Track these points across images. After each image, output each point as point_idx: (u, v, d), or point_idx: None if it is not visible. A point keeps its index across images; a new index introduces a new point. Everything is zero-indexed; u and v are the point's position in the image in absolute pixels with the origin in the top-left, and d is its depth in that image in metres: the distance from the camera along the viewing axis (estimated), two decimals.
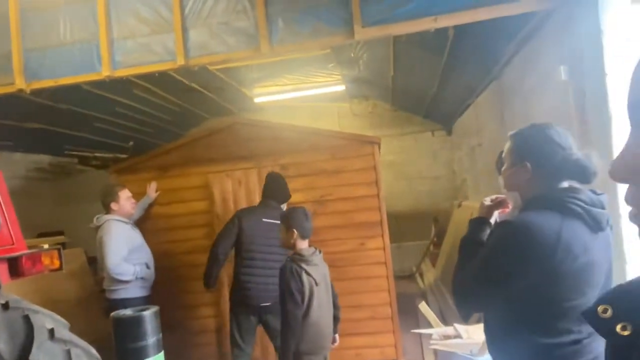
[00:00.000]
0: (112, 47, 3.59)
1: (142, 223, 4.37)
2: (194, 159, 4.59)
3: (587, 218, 1.51)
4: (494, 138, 5.57)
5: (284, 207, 3.84)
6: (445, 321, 4.87)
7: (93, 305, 4.76)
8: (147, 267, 3.97)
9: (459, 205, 7.60)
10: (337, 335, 3.11)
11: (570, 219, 1.50)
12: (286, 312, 2.72)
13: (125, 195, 4.05)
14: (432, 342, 3.02)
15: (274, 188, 3.83)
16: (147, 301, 3.76)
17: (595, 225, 1.52)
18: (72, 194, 8.63)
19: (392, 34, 3.33)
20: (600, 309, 0.77)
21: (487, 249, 1.62)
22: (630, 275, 2.65)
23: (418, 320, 5.44)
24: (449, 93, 6.93)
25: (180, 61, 3.42)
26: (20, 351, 1.93)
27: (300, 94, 7.89)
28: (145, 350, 2.42)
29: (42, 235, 7.00)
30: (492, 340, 1.69)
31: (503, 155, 1.81)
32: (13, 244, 1.99)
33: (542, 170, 1.62)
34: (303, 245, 2.94)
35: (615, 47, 2.66)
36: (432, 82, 6.58)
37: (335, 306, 3.07)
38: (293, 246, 2.91)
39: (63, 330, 2.10)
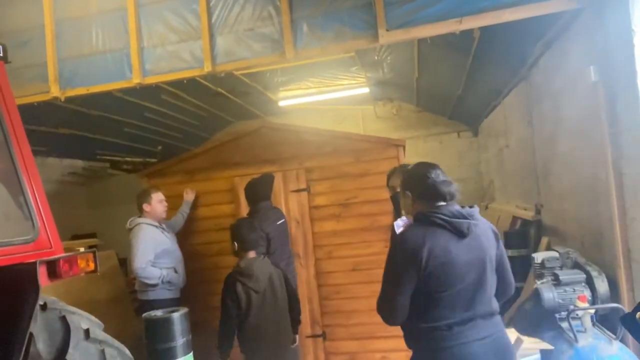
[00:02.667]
0: (142, 55, 3.70)
1: (170, 230, 4.45)
2: (220, 162, 4.66)
3: (449, 227, 2.03)
4: (522, 139, 5.48)
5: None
6: None
7: (124, 305, 4.89)
8: (175, 271, 4.05)
9: (486, 208, 7.49)
10: (296, 336, 3.47)
11: (434, 229, 2.04)
12: (220, 318, 3.15)
13: (157, 197, 4.15)
14: None
15: (268, 189, 4.04)
16: (176, 303, 3.84)
17: (458, 232, 2.04)
18: (104, 198, 8.86)
19: (416, 37, 3.33)
20: (638, 315, 0.93)
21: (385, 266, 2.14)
22: None
23: None
24: (475, 94, 6.84)
25: (208, 68, 3.50)
26: (58, 351, 2.01)
27: (324, 97, 7.92)
28: (174, 351, 2.48)
29: (75, 237, 7.21)
30: (402, 328, 2.20)
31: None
32: (51, 248, 2.08)
33: (418, 196, 2.20)
34: (249, 255, 3.27)
35: None
36: (457, 83, 6.51)
37: (293, 309, 3.41)
38: (239, 257, 3.27)
39: (98, 330, 2.18)
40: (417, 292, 2.03)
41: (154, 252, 3.93)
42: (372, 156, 4.45)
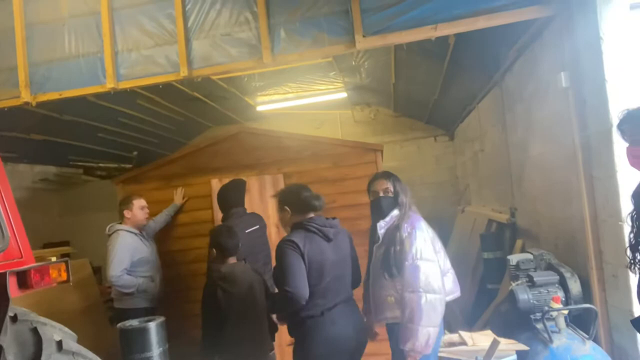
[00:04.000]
0: (116, 59, 3.64)
1: (150, 233, 4.38)
2: (198, 168, 4.62)
3: (320, 233, 2.68)
4: (496, 143, 5.58)
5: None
6: (450, 327, 4.86)
7: (99, 315, 4.77)
8: (152, 280, 3.98)
9: (462, 211, 7.60)
10: (273, 343, 3.55)
11: (310, 234, 2.67)
12: (202, 326, 3.16)
13: (139, 204, 4.09)
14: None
15: (238, 195, 3.99)
16: (152, 312, 3.77)
17: (326, 237, 2.69)
18: (77, 204, 8.66)
19: (393, 43, 3.36)
20: None
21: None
22: None
23: None
24: (451, 99, 6.95)
25: (184, 72, 3.46)
26: None
27: (302, 101, 7.93)
28: None
29: (47, 245, 7.03)
30: (288, 321, 2.80)
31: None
32: (21, 257, 2.02)
33: (295, 209, 2.80)
34: (230, 261, 3.29)
35: (615, 53, 2.68)
36: (433, 89, 6.61)
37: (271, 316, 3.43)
38: (218, 262, 3.29)
39: (71, 341, 2.12)
40: None
41: (131, 260, 3.86)
42: (351, 161, 4.47)
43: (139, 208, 4.08)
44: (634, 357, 2.68)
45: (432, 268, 2.63)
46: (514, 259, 3.42)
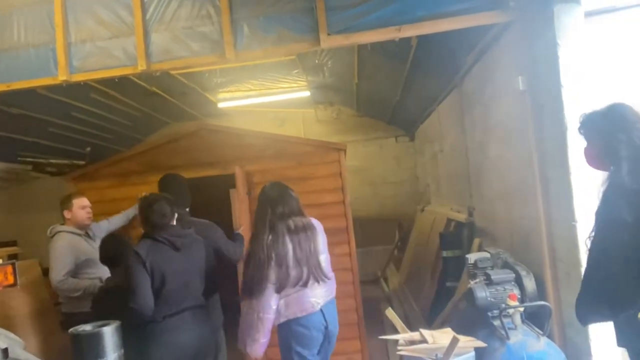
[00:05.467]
0: (69, 50, 3.46)
1: (100, 233, 4.19)
2: (156, 165, 4.47)
3: (167, 243, 2.82)
4: (455, 145, 5.71)
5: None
6: (411, 325, 4.92)
7: (49, 319, 4.53)
8: (101, 281, 3.78)
9: (422, 210, 7.74)
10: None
11: (157, 244, 2.82)
12: None
13: (80, 203, 3.86)
14: (398, 347, 3.05)
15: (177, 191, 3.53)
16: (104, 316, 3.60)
17: (174, 247, 2.84)
18: (26, 202, 8.24)
19: (357, 43, 3.36)
20: None
21: None
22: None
23: (383, 325, 5.49)
24: (412, 100, 7.06)
25: (142, 66, 3.33)
26: None
27: (265, 99, 7.86)
28: None
29: None
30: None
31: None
32: None
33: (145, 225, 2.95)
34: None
35: (570, 59, 2.78)
36: (395, 90, 6.69)
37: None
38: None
39: (18, 349, 2.00)
40: None
41: (75, 262, 3.65)
42: (314, 160, 4.45)
43: (79, 208, 3.85)
44: (585, 352, 2.79)
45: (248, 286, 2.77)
46: (472, 257, 3.49)
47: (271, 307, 2.67)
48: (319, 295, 2.82)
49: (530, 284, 3.14)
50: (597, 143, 2.05)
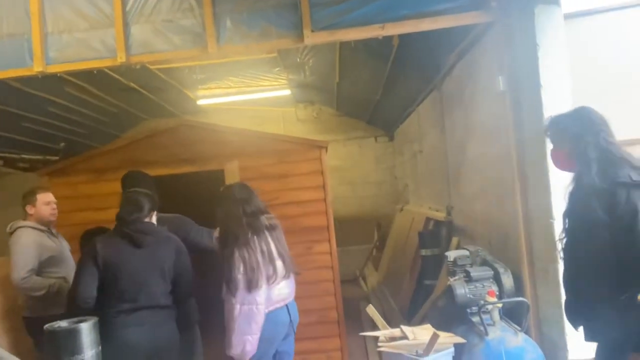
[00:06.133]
0: (45, 41, 3.36)
1: (73, 230, 4.05)
2: (133, 161, 4.35)
3: (129, 239, 2.74)
4: (435, 145, 5.77)
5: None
6: (390, 323, 4.95)
7: (19, 317, 4.40)
8: (66, 281, 3.54)
9: (401, 210, 7.80)
10: None
11: (116, 238, 2.76)
12: None
13: (44, 199, 3.68)
14: (379, 344, 3.06)
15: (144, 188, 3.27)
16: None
17: (135, 244, 2.74)
18: None
19: (341, 40, 3.37)
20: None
21: None
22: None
23: (362, 323, 5.51)
24: (392, 100, 7.10)
25: (121, 58, 3.26)
26: None
27: (245, 97, 7.80)
28: None
29: None
30: None
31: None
32: None
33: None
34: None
35: (550, 60, 2.84)
36: (376, 89, 6.72)
37: None
38: None
39: None
40: (100, 284, 2.68)
41: (38, 259, 3.47)
42: (295, 157, 4.43)
43: (43, 203, 3.67)
44: (561, 347, 2.85)
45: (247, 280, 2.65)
46: (451, 255, 3.53)
47: (260, 301, 2.63)
48: (288, 291, 2.85)
49: (508, 280, 3.18)
50: (565, 145, 2.13)
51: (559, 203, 2.83)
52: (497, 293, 3.15)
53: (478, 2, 3.23)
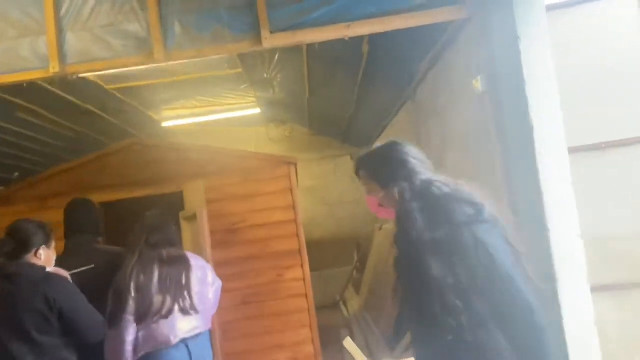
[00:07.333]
0: None
1: None
2: (82, 186, 3.95)
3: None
4: None
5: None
6: (371, 352, 4.55)
7: None
8: None
9: (380, 228, 7.46)
10: None
11: None
12: None
13: None
14: None
15: (80, 217, 3.01)
16: None
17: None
18: None
19: (303, 41, 3.04)
20: None
21: None
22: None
23: (343, 354, 5.09)
24: (366, 115, 6.85)
25: (54, 68, 2.87)
26: None
27: (214, 117, 7.44)
28: None
29: None
30: None
31: None
32: None
33: None
34: None
35: (533, 53, 2.57)
36: (348, 104, 6.46)
37: None
38: None
39: None
40: None
41: None
42: (262, 175, 4.08)
43: None
44: None
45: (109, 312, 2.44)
46: None
47: (127, 338, 2.34)
48: (183, 329, 2.45)
49: None
50: (377, 192, 1.81)
51: (553, 212, 2.54)
52: None
53: None
